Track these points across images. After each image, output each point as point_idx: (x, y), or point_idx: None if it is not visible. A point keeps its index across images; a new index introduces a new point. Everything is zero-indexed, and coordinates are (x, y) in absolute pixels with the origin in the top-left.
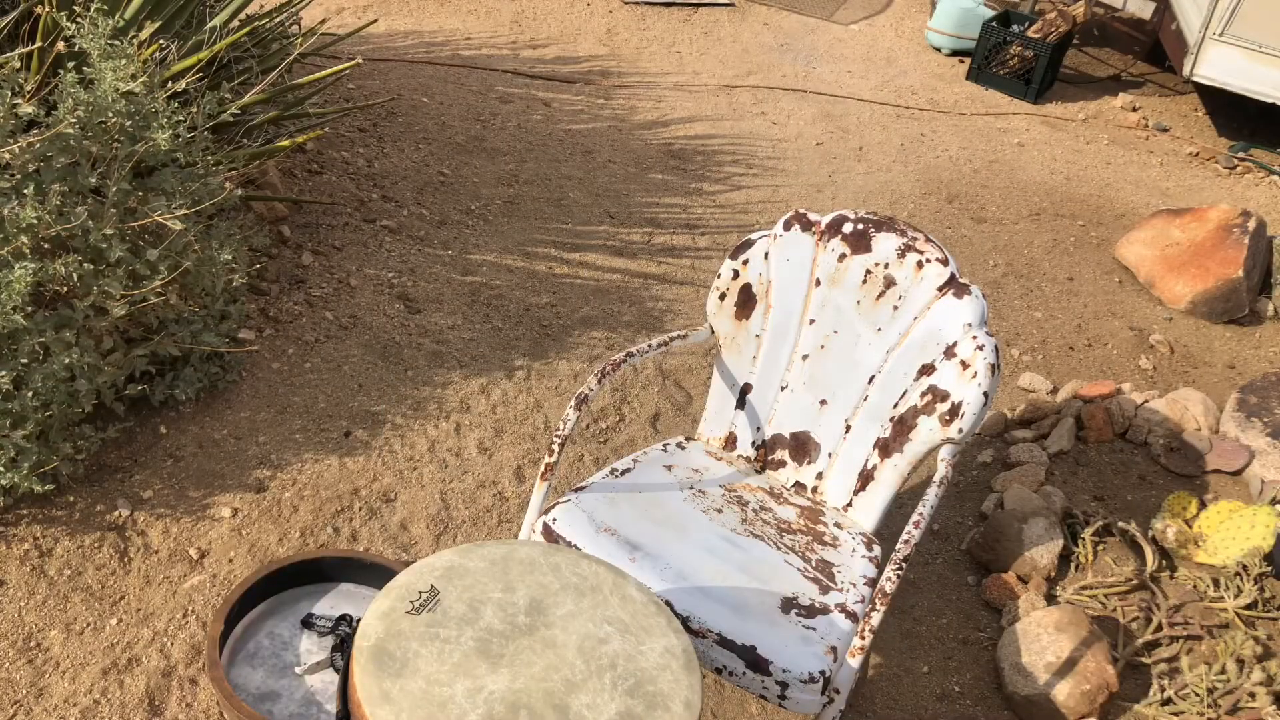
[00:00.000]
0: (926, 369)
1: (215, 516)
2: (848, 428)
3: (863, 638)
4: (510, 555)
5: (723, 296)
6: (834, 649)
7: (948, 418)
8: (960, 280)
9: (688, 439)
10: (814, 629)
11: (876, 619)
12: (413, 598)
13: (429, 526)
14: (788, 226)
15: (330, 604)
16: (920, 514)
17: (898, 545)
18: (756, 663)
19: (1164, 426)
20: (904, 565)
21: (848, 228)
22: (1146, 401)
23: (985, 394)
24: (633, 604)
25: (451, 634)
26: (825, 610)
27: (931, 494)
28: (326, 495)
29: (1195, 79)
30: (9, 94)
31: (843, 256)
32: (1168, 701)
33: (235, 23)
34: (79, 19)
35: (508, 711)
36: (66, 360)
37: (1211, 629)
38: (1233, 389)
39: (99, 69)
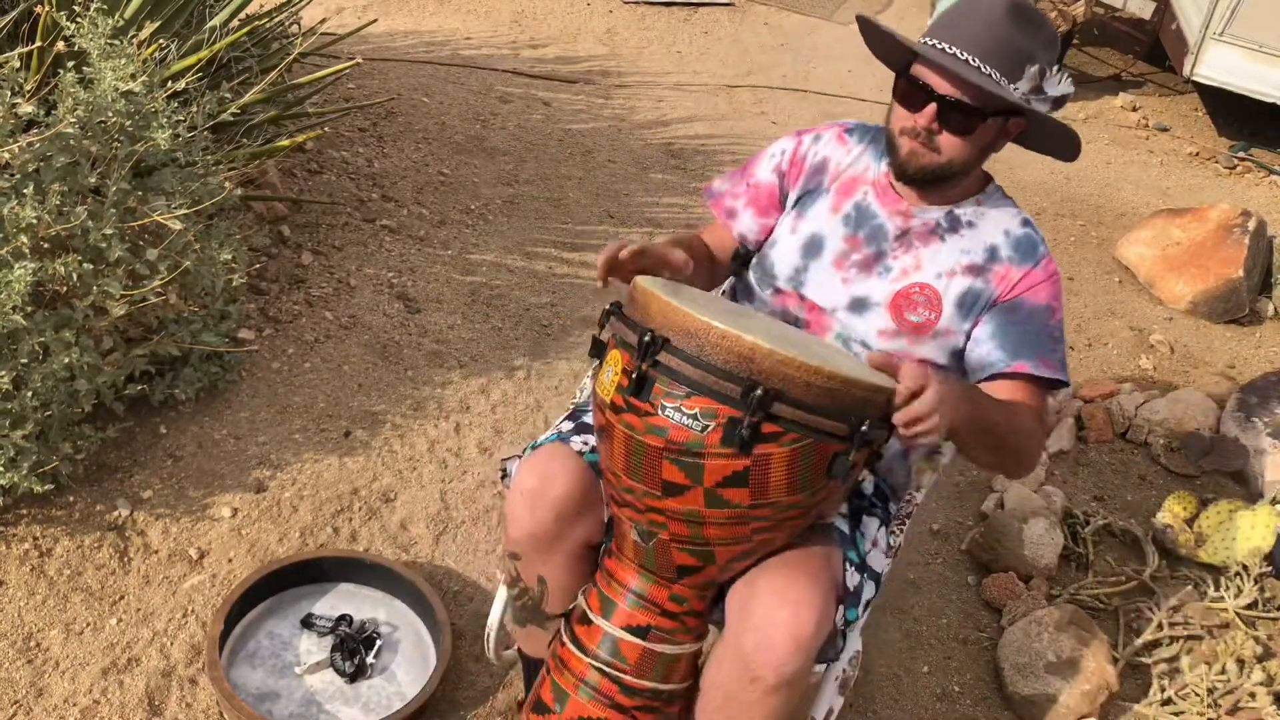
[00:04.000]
0: None
1: (215, 516)
2: None
3: None
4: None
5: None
6: None
7: None
8: None
9: None
10: None
11: None
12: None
13: (429, 526)
14: None
15: (330, 604)
16: None
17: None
18: None
19: (1164, 426)
20: None
21: None
22: (1147, 401)
23: None
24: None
25: (713, 306)
26: None
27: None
28: (326, 495)
29: (1195, 79)
30: (9, 94)
31: None
32: (1168, 701)
33: (235, 22)
34: (79, 18)
35: (779, 333)
36: (66, 360)
37: (1211, 629)
38: (1233, 389)
39: (99, 69)
